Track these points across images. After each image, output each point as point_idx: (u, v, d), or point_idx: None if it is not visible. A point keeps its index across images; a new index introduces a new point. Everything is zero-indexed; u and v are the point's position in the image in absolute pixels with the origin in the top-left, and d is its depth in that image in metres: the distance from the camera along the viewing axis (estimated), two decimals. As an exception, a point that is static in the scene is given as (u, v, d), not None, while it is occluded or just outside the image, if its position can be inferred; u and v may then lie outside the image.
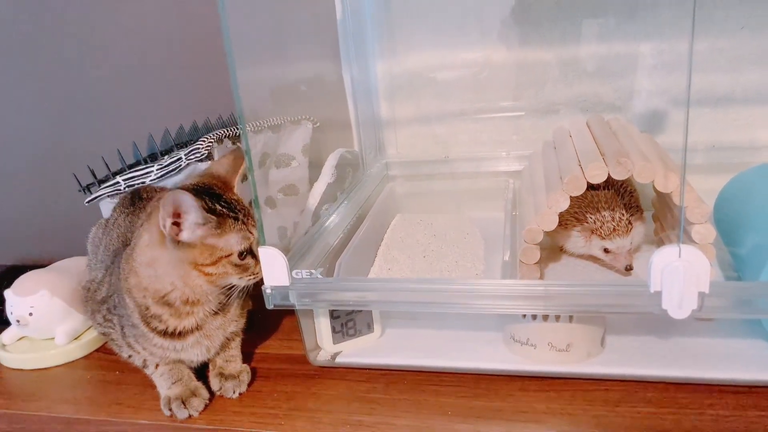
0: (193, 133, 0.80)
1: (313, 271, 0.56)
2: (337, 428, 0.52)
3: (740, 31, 0.73)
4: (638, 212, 0.65)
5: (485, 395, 0.54)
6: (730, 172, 0.70)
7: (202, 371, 0.60)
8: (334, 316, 0.60)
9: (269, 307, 0.56)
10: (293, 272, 0.55)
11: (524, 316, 0.56)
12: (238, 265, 0.54)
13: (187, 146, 0.74)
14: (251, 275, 0.55)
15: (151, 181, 0.72)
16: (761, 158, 0.70)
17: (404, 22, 0.84)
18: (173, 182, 0.73)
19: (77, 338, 0.70)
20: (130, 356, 0.60)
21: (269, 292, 0.55)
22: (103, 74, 0.95)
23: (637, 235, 0.64)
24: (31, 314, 0.67)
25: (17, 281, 0.70)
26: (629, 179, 0.64)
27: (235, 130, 0.77)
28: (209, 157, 0.72)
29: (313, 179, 0.77)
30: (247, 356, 0.62)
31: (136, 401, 0.59)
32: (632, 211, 0.64)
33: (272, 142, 0.78)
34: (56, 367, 0.67)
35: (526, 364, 0.56)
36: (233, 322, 0.59)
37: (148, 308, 0.55)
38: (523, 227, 0.61)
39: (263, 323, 0.68)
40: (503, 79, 0.83)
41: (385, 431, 0.51)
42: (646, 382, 0.53)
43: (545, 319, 0.55)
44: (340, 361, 0.60)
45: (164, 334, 0.55)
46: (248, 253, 0.54)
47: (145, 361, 0.59)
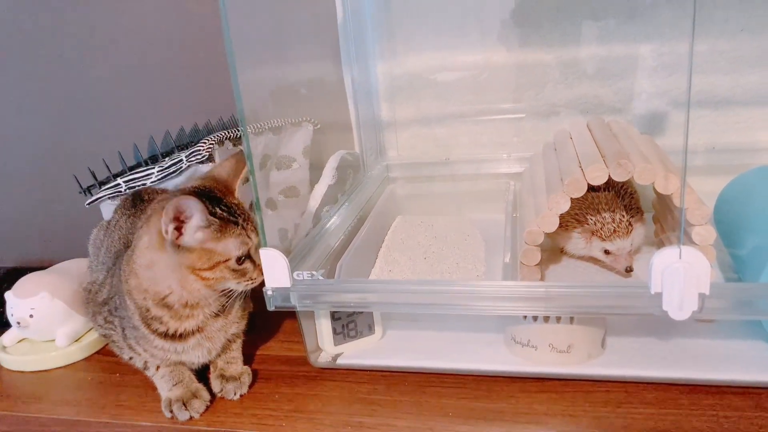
0: (193, 134, 0.81)
1: (314, 272, 0.56)
2: (338, 430, 0.52)
3: (740, 32, 0.74)
4: (638, 214, 0.65)
5: (486, 396, 0.54)
6: (730, 173, 0.70)
7: (203, 373, 0.60)
8: (335, 317, 0.60)
9: (270, 308, 0.56)
10: (294, 274, 0.55)
11: (525, 317, 0.56)
12: (235, 270, 0.54)
13: (187, 148, 0.74)
14: (249, 280, 0.55)
15: (151, 182, 0.72)
16: (761, 160, 0.70)
17: (405, 23, 0.84)
18: (174, 184, 0.73)
19: (78, 340, 0.70)
20: (131, 358, 0.60)
21: (270, 293, 0.55)
22: (103, 76, 0.95)
23: (637, 236, 0.64)
24: (31, 316, 0.67)
25: (18, 283, 0.70)
26: (629, 181, 0.64)
27: (236, 131, 0.77)
28: (210, 158, 0.72)
29: (313, 181, 0.78)
30: (248, 358, 0.62)
31: (136, 403, 0.59)
32: (632, 212, 0.64)
33: (273, 143, 0.78)
34: (57, 369, 0.67)
35: (527, 365, 0.56)
36: (234, 323, 0.60)
37: (148, 310, 0.55)
38: (523, 229, 0.61)
39: (264, 325, 0.68)
40: (504, 80, 0.83)
41: (386, 433, 0.51)
42: (646, 383, 0.53)
43: (546, 320, 0.55)
44: (341, 362, 0.60)
45: (165, 335, 0.55)
46: (247, 258, 0.54)
47: (146, 362, 0.59)
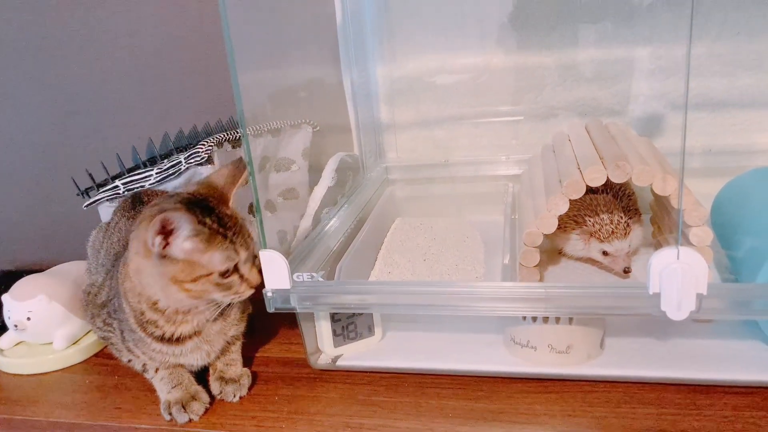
0: (192, 136, 0.80)
1: (314, 274, 0.56)
2: (338, 431, 0.52)
3: (736, 36, 0.74)
4: (636, 215, 0.66)
5: (486, 397, 0.54)
6: (726, 175, 0.71)
7: (202, 375, 0.60)
8: (335, 319, 0.60)
9: (270, 310, 0.56)
10: (294, 275, 0.55)
11: (524, 318, 0.56)
12: (219, 284, 0.52)
13: (186, 150, 0.74)
14: (235, 294, 0.53)
15: (150, 185, 0.72)
16: (758, 162, 0.70)
17: (404, 26, 0.84)
18: (173, 186, 0.73)
19: (75, 343, 0.69)
20: (129, 360, 0.60)
21: (270, 295, 0.55)
22: (102, 78, 0.95)
23: (635, 237, 0.64)
24: (29, 319, 0.67)
25: (15, 286, 0.69)
26: (627, 182, 0.64)
27: (235, 133, 0.77)
28: (209, 160, 0.72)
29: (313, 183, 0.78)
30: (247, 360, 0.62)
31: (135, 406, 0.59)
32: (630, 214, 0.64)
33: (272, 146, 0.78)
34: (54, 372, 0.67)
35: (526, 366, 0.56)
36: (233, 326, 0.59)
37: (143, 313, 0.54)
38: (522, 230, 0.61)
39: (264, 327, 0.68)
40: (502, 83, 0.83)
41: (386, 434, 0.51)
42: (645, 383, 0.53)
43: (545, 321, 0.55)
44: (341, 364, 0.60)
45: (161, 339, 0.55)
46: (234, 271, 0.52)
47: (144, 365, 0.59)
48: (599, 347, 0.57)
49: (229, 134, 0.76)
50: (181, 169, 0.71)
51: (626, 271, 0.63)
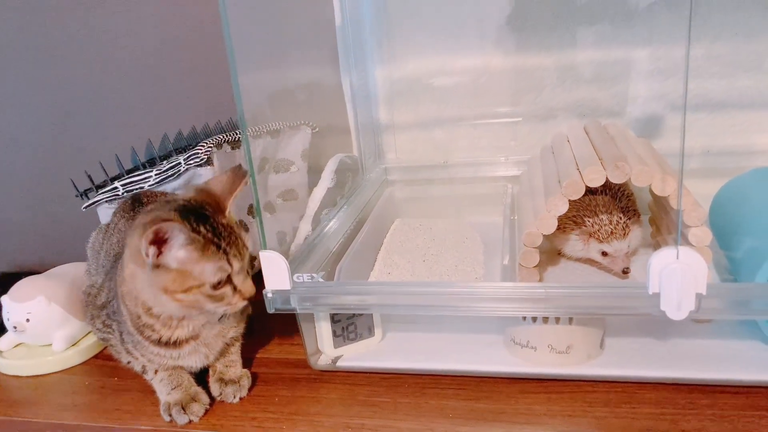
0: (192, 138, 0.80)
1: (314, 274, 0.56)
2: (338, 432, 0.52)
3: (735, 36, 0.75)
4: (635, 216, 0.66)
5: (486, 398, 0.54)
6: (725, 176, 0.71)
7: (202, 376, 0.60)
8: (335, 320, 0.60)
9: (270, 311, 0.56)
10: (294, 276, 0.55)
11: (524, 318, 0.56)
12: (211, 295, 0.51)
13: (186, 151, 0.74)
14: (228, 305, 0.52)
15: (149, 186, 0.72)
16: (756, 163, 0.71)
17: (403, 28, 0.84)
18: (172, 187, 0.73)
19: (75, 344, 0.69)
20: (129, 362, 0.59)
21: (270, 296, 0.55)
22: (101, 79, 0.95)
23: (634, 238, 0.65)
24: (28, 320, 0.67)
25: (14, 287, 0.69)
26: (626, 183, 0.65)
27: (234, 135, 0.77)
28: (208, 162, 0.72)
29: (312, 184, 0.78)
30: (247, 361, 0.62)
31: (135, 407, 0.59)
32: (629, 214, 0.65)
33: (271, 147, 0.78)
34: (54, 373, 0.67)
35: (526, 366, 0.56)
36: (232, 327, 0.59)
37: (139, 317, 0.54)
38: (521, 231, 0.62)
39: (263, 328, 0.68)
40: (501, 84, 0.83)
41: (386, 435, 0.51)
42: (645, 383, 0.54)
43: (545, 321, 0.55)
44: (341, 365, 0.60)
45: (158, 342, 0.55)
46: (227, 282, 0.51)
47: (144, 366, 0.58)
48: (599, 347, 0.57)
49: (228, 135, 0.76)
50: (180, 170, 0.71)
51: (625, 271, 0.63)
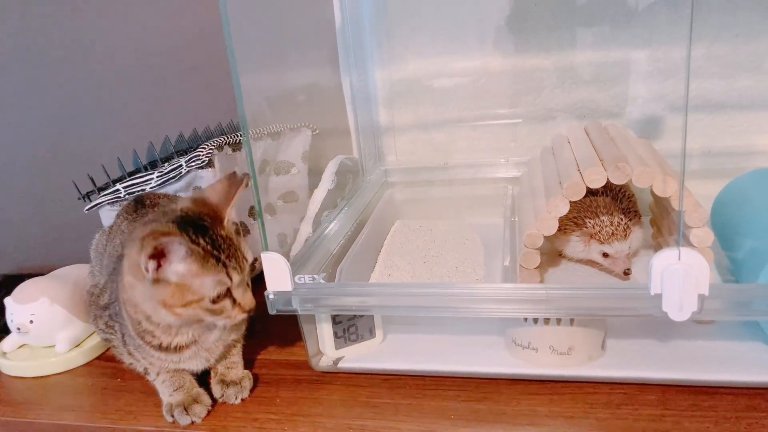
0: (193, 140, 0.81)
1: (315, 276, 0.56)
2: (340, 433, 0.52)
3: (735, 37, 0.75)
4: (636, 217, 0.66)
5: (487, 399, 0.54)
6: (725, 177, 0.71)
7: (204, 377, 0.60)
8: (336, 321, 0.60)
9: (272, 312, 0.56)
10: (296, 277, 0.55)
11: (525, 319, 0.56)
12: (210, 309, 0.50)
13: (187, 153, 0.74)
14: (227, 318, 0.52)
15: (151, 188, 0.72)
16: (757, 163, 0.71)
17: (403, 29, 0.85)
18: (174, 189, 0.73)
19: (78, 346, 0.70)
20: (131, 363, 0.60)
21: (272, 297, 0.55)
22: (102, 81, 0.95)
23: (635, 239, 0.64)
24: (31, 322, 0.67)
25: (17, 289, 0.69)
26: (627, 184, 0.64)
27: (235, 137, 0.77)
28: (210, 164, 0.72)
29: (312, 186, 0.78)
30: (248, 362, 0.62)
31: (138, 408, 0.59)
32: (630, 215, 0.65)
33: (272, 149, 0.79)
34: (57, 374, 0.67)
35: (527, 367, 0.56)
36: (233, 330, 0.59)
37: (140, 323, 0.54)
38: (522, 233, 0.62)
39: (265, 329, 0.68)
40: (501, 86, 0.84)
41: (388, 436, 0.51)
42: (647, 384, 0.53)
43: (546, 322, 0.55)
44: (342, 366, 0.60)
45: (159, 348, 0.55)
46: (226, 295, 0.51)
47: (146, 368, 0.59)
48: (600, 349, 0.57)
49: (229, 137, 0.77)
50: (181, 172, 0.72)
51: (626, 272, 0.63)
